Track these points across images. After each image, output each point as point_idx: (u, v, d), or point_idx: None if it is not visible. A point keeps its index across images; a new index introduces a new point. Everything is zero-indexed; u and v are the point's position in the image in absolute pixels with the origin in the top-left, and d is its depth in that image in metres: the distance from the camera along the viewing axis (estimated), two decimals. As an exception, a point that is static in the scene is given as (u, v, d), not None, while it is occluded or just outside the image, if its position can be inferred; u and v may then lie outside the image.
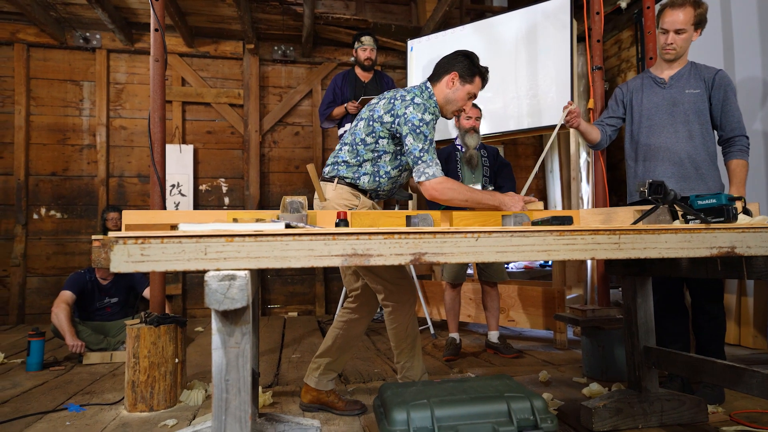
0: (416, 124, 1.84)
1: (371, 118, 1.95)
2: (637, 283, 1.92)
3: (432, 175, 1.83)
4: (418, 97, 1.92)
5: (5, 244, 4.53)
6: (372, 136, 1.94)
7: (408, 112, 1.86)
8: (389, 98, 1.95)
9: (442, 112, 2.04)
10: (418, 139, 1.84)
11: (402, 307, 2.00)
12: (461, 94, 1.99)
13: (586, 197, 4.71)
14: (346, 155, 1.99)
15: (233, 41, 5.05)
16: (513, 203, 1.85)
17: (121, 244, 1.05)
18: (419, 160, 1.83)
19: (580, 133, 2.46)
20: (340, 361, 2.12)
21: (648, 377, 1.90)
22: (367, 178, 1.97)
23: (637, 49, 4.52)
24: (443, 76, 2.00)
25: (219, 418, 1.11)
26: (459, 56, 2.01)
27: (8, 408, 2.21)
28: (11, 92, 4.60)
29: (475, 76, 2.00)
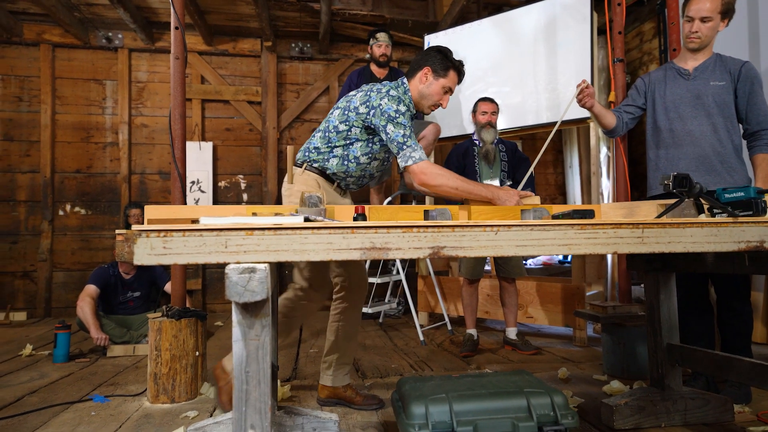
0: (392, 114, 1.84)
1: (347, 108, 1.95)
2: (661, 279, 1.89)
3: (418, 158, 1.81)
4: (393, 90, 1.93)
5: (33, 239, 4.65)
6: (345, 124, 1.94)
7: (383, 104, 1.86)
8: (366, 90, 1.96)
9: (418, 107, 2.03)
10: (398, 127, 1.83)
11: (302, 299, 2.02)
12: (435, 88, 1.99)
13: (607, 192, 4.63)
14: (318, 141, 1.99)
15: (251, 39, 5.09)
16: (507, 197, 1.78)
17: (144, 237, 1.07)
18: (404, 146, 1.82)
19: (594, 115, 2.40)
20: (348, 352, 2.13)
21: (671, 375, 1.86)
22: (336, 161, 1.96)
23: (660, 41, 4.42)
24: (417, 71, 2.00)
25: (239, 409, 1.12)
26: (432, 51, 2.02)
27: (36, 398, 2.28)
28: (38, 92, 4.71)
29: (449, 70, 1.99)
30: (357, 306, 2.13)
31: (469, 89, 3.97)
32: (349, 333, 2.12)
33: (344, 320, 2.11)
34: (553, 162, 5.71)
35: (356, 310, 2.13)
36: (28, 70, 4.72)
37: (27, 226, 4.66)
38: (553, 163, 5.70)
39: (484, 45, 3.91)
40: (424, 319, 4.04)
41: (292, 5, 4.53)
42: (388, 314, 4.38)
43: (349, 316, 2.11)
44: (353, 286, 2.09)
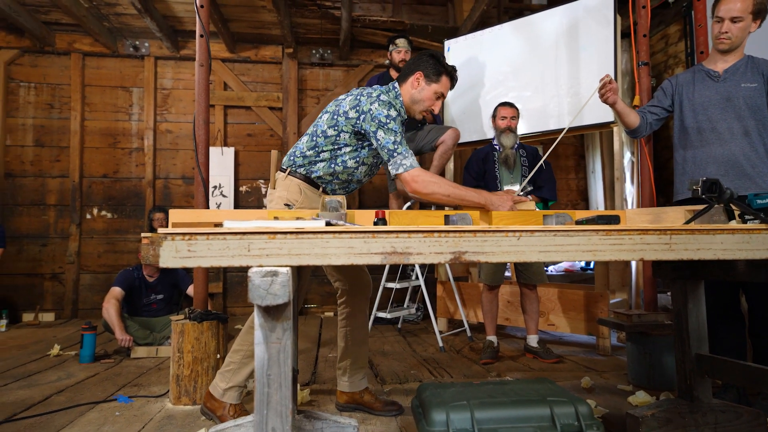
0: (383, 120, 1.81)
1: (336, 112, 1.92)
2: (689, 287, 1.83)
3: (410, 165, 1.78)
4: (384, 95, 1.90)
5: (61, 242, 4.78)
6: (334, 129, 1.90)
7: (373, 109, 1.83)
8: (356, 95, 1.93)
9: (409, 112, 2.00)
10: (389, 133, 1.80)
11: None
12: (427, 93, 1.95)
13: (631, 198, 4.54)
14: (305, 146, 1.95)
15: (273, 46, 5.16)
16: (501, 203, 1.74)
17: (169, 240, 1.08)
18: (395, 152, 1.79)
19: (616, 113, 2.33)
20: (360, 357, 2.12)
21: (700, 386, 1.80)
22: (323, 164, 1.93)
23: (686, 44, 4.33)
24: (409, 76, 1.97)
25: (260, 413, 1.13)
26: (424, 56, 1.98)
27: (63, 397, 2.33)
28: (68, 99, 4.86)
29: (442, 75, 1.95)
30: (361, 310, 2.11)
31: (489, 94, 3.95)
32: (358, 337, 2.11)
33: (350, 325, 2.10)
34: (575, 167, 5.63)
35: (361, 314, 2.12)
36: (60, 78, 4.87)
37: (56, 229, 4.79)
38: (574, 168, 5.62)
39: (505, 49, 3.89)
40: (443, 325, 4.01)
41: (313, 12, 4.58)
42: (406, 320, 4.37)
43: (354, 320, 2.10)
44: (354, 290, 2.09)
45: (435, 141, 3.51)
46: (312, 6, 4.49)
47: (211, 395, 1.97)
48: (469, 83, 4.11)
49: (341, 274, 2.08)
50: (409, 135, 3.64)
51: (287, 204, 1.90)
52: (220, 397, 1.95)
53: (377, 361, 3.04)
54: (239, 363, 1.96)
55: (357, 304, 2.10)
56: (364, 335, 2.14)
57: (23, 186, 4.77)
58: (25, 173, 4.78)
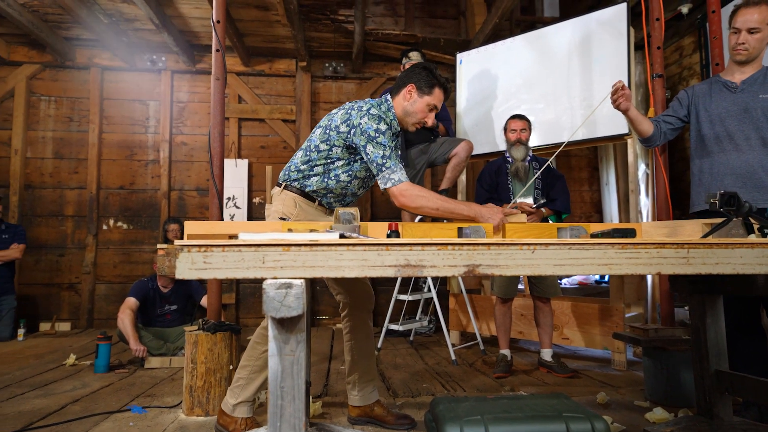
0: (372, 134, 1.82)
1: (328, 127, 1.93)
2: (707, 302, 1.80)
3: (398, 180, 1.78)
4: (374, 108, 1.90)
5: (78, 253, 4.86)
6: (326, 144, 1.91)
7: (363, 122, 1.84)
8: (347, 109, 1.94)
9: (402, 124, 1.99)
10: (378, 147, 1.81)
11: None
12: (420, 105, 1.94)
13: (646, 211, 4.49)
14: (299, 161, 1.96)
15: (287, 59, 5.24)
16: (491, 215, 1.72)
17: (185, 252, 1.10)
18: (383, 167, 1.80)
19: (629, 120, 2.29)
20: (369, 369, 2.10)
21: (720, 404, 1.76)
22: (317, 178, 1.94)
23: (701, 56, 4.30)
24: (401, 88, 1.96)
25: (274, 425, 1.13)
26: (416, 68, 1.97)
27: (78, 406, 2.35)
28: (87, 112, 4.97)
29: (434, 87, 1.94)
30: (364, 322, 2.10)
31: (501, 106, 3.96)
32: (364, 350, 2.09)
33: (354, 338, 2.09)
34: (589, 179, 5.59)
35: (365, 327, 2.10)
36: (79, 92, 4.99)
37: (73, 240, 4.87)
38: (588, 181, 5.59)
39: (517, 62, 3.90)
40: (455, 338, 3.98)
41: (326, 26, 4.64)
42: (418, 332, 4.34)
43: (358, 333, 2.09)
44: (356, 302, 2.07)
45: (448, 153, 3.52)
46: (325, 20, 4.56)
47: (223, 412, 1.98)
48: (481, 96, 4.12)
49: (342, 287, 2.07)
50: (422, 147, 3.65)
51: (282, 218, 1.92)
52: (230, 412, 1.96)
53: (389, 373, 3.02)
54: (247, 378, 1.97)
55: (359, 317, 2.09)
56: (370, 347, 2.12)
57: (42, 197, 4.87)
58: (44, 185, 4.88)
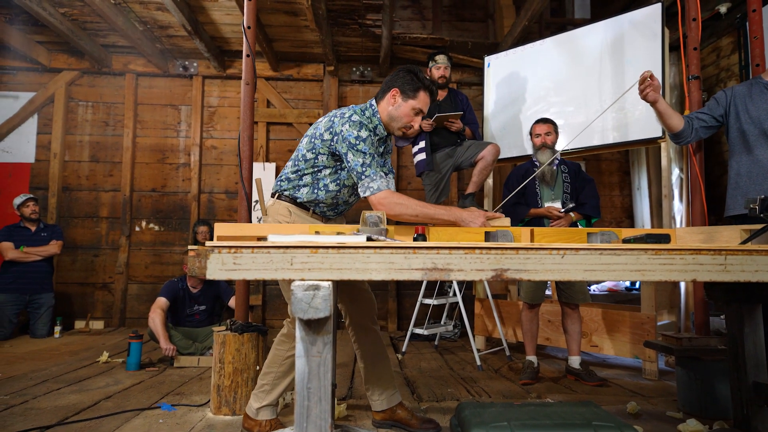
0: (352, 141, 1.81)
1: (313, 135, 1.93)
2: (745, 311, 1.74)
3: (377, 188, 1.77)
4: (356, 114, 1.89)
5: (112, 253, 5.01)
6: (312, 152, 1.91)
7: (344, 130, 1.83)
8: (331, 116, 1.92)
9: (388, 129, 1.97)
10: (357, 155, 1.80)
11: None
12: (405, 110, 1.92)
13: (680, 216, 4.36)
14: (289, 170, 1.97)
15: (314, 64, 5.30)
16: (472, 219, 1.70)
17: (216, 253, 1.12)
18: (362, 175, 1.79)
19: (658, 113, 2.21)
20: (384, 374, 2.08)
21: (759, 416, 1.69)
22: (306, 189, 1.94)
23: (740, 57, 4.16)
24: (386, 93, 1.94)
25: (300, 425, 1.14)
26: (400, 72, 1.94)
27: (111, 403, 2.42)
28: (121, 117, 5.13)
29: (419, 90, 1.92)
30: (367, 327, 2.07)
31: (530, 110, 3.91)
32: (375, 355, 2.07)
33: (362, 345, 2.07)
34: (620, 183, 5.46)
35: (369, 332, 2.07)
36: (114, 97, 5.16)
37: (107, 241, 5.03)
38: (619, 185, 5.46)
39: (547, 65, 3.85)
40: (480, 344, 3.94)
41: (354, 31, 4.68)
42: (443, 337, 4.31)
43: (365, 340, 2.07)
44: (357, 310, 2.05)
45: (474, 157, 3.50)
46: (353, 25, 4.59)
47: (247, 416, 2.01)
48: (509, 99, 4.08)
49: (342, 295, 2.05)
50: (448, 150, 3.64)
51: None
52: (254, 416, 1.99)
53: (414, 377, 3.01)
54: (272, 384, 2.00)
55: (363, 324, 2.06)
56: (381, 351, 2.10)
57: (79, 199, 5.04)
58: (80, 187, 5.06)
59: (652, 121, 3.22)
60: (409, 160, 5.14)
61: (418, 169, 3.75)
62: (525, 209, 3.09)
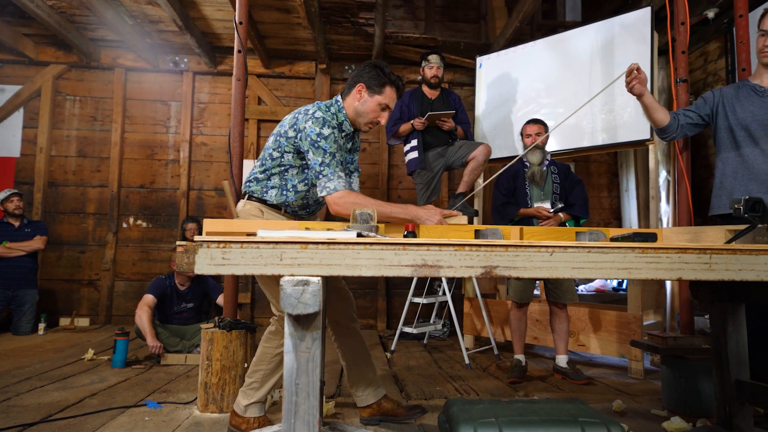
0: (314, 138, 1.80)
1: (278, 133, 1.91)
2: (728, 310, 1.76)
3: (333, 188, 1.77)
4: (320, 111, 1.88)
5: (98, 250, 4.95)
6: (278, 151, 1.90)
7: (307, 127, 1.82)
8: (295, 113, 1.91)
9: (354, 125, 1.97)
10: (317, 153, 1.80)
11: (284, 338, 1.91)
12: (371, 105, 1.91)
13: (666, 218, 4.42)
14: (257, 170, 1.96)
15: (306, 62, 5.28)
16: (428, 216, 1.70)
17: (204, 247, 1.11)
18: (320, 174, 1.79)
19: (644, 107, 2.22)
20: (366, 372, 2.08)
21: (741, 414, 1.72)
22: (275, 191, 1.93)
23: (727, 61, 4.22)
24: (352, 88, 1.93)
25: (288, 421, 1.13)
26: (367, 67, 1.93)
27: (96, 400, 2.39)
28: (110, 112, 5.07)
29: (385, 86, 1.91)
30: (347, 326, 2.06)
31: (521, 110, 3.94)
32: (355, 353, 2.07)
33: (342, 344, 2.07)
34: (608, 185, 5.51)
35: (350, 330, 2.06)
36: (103, 92, 5.10)
37: (94, 237, 4.97)
38: (607, 187, 5.51)
39: (538, 66, 3.88)
40: (469, 342, 3.96)
41: (346, 29, 4.67)
42: (432, 335, 4.32)
43: (345, 338, 2.06)
44: (333, 308, 2.04)
45: (466, 156, 3.51)
46: (346, 23, 4.59)
47: (235, 413, 2.00)
48: (500, 99, 4.10)
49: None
50: (440, 150, 3.65)
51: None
52: (242, 413, 1.98)
53: (402, 375, 3.01)
54: (261, 381, 1.99)
55: (342, 322, 2.05)
56: (362, 348, 2.09)
57: (65, 194, 4.98)
58: (67, 182, 4.99)
59: (640, 123, 3.26)
60: (401, 159, 5.14)
61: (409, 168, 3.75)
62: (515, 209, 3.11)
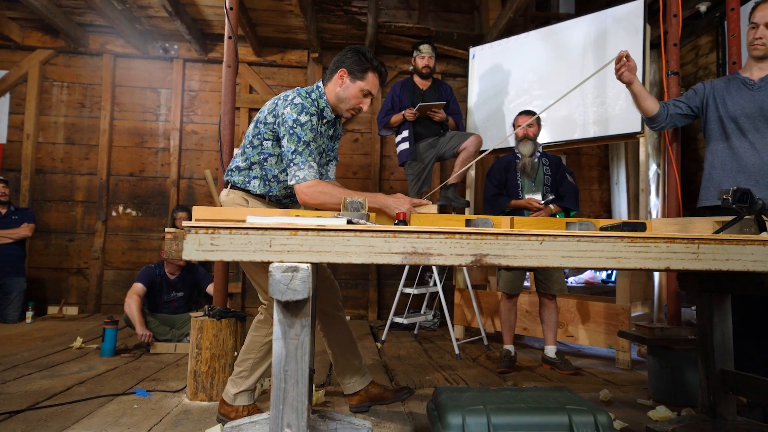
0: (290, 124, 1.78)
1: (258, 120, 1.88)
2: (715, 301, 1.79)
3: (302, 178, 1.75)
4: (299, 97, 1.83)
5: (87, 238, 4.90)
6: (258, 138, 1.87)
7: (285, 113, 1.79)
8: (275, 99, 1.88)
9: (336, 111, 1.94)
10: (291, 141, 1.77)
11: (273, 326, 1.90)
12: (353, 91, 1.87)
13: (656, 211, 4.46)
14: (239, 159, 1.93)
15: (299, 50, 5.23)
16: (398, 205, 1.70)
17: (193, 233, 1.10)
18: (291, 163, 1.77)
19: (633, 95, 2.22)
20: (351, 360, 2.08)
21: (724, 403, 1.75)
22: (258, 182, 1.91)
23: (718, 55, 4.24)
24: (333, 74, 1.89)
25: (276, 407, 1.13)
26: (349, 52, 1.89)
27: (84, 388, 2.38)
28: (98, 99, 5.00)
29: (367, 71, 1.87)
30: (332, 314, 2.05)
31: (513, 102, 3.94)
32: (341, 342, 2.06)
33: (329, 333, 2.05)
34: (599, 178, 5.55)
35: (336, 319, 2.05)
36: (91, 78, 5.02)
37: (83, 226, 4.92)
38: (598, 180, 5.54)
39: (531, 58, 3.87)
40: (459, 333, 3.98)
41: (339, 18, 4.63)
42: (423, 326, 4.34)
43: (331, 327, 2.05)
44: (319, 297, 2.01)
45: (457, 147, 3.51)
46: (338, 11, 4.55)
47: (224, 401, 1.98)
48: (493, 91, 4.10)
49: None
50: (431, 141, 3.64)
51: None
52: (231, 402, 1.97)
53: (392, 365, 3.03)
54: (250, 369, 1.98)
55: (327, 311, 2.04)
56: (348, 336, 2.09)
57: (53, 182, 4.91)
58: (55, 170, 4.93)
59: (631, 115, 3.27)
60: (392, 150, 5.13)
61: (400, 159, 3.74)
62: (506, 200, 3.12)
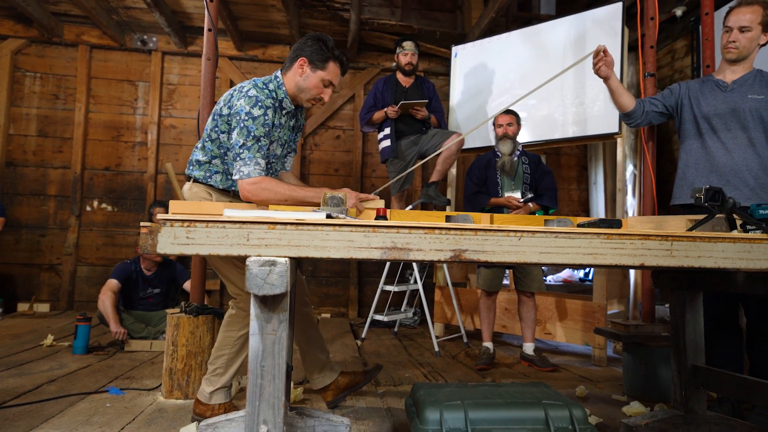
0: (242, 117, 1.72)
1: (215, 112, 1.83)
2: (687, 298, 1.83)
3: (246, 174, 1.71)
4: (254, 89, 1.77)
5: (60, 233, 4.77)
6: (215, 131, 1.82)
7: (239, 104, 1.74)
8: (232, 90, 1.83)
9: (296, 101, 1.89)
10: (241, 134, 1.72)
11: (245, 319, 1.87)
12: (313, 81, 1.82)
13: (632, 211, 4.54)
14: (199, 153, 1.88)
15: (280, 45, 5.18)
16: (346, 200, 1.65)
17: (168, 226, 1.08)
18: (238, 157, 1.72)
19: (609, 90, 2.24)
20: (318, 354, 2.06)
21: (695, 398, 1.79)
22: (219, 177, 1.87)
23: (692, 59, 4.34)
24: (293, 63, 1.83)
25: (253, 404, 1.12)
26: (309, 40, 1.83)
27: (54, 387, 2.31)
28: (73, 90, 4.87)
29: (328, 61, 1.82)
30: (299, 311, 2.00)
31: (495, 101, 3.96)
32: (308, 337, 2.04)
33: (296, 329, 2.01)
34: (577, 178, 5.63)
35: (301, 315, 2.01)
36: (66, 70, 4.89)
37: (55, 221, 4.79)
38: (576, 179, 5.63)
39: (512, 57, 3.90)
40: (439, 330, 4.00)
41: (322, 13, 4.60)
42: (403, 324, 4.35)
43: (297, 324, 2.00)
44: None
45: (439, 145, 3.52)
46: (321, 7, 4.51)
47: (199, 401, 1.93)
48: (475, 90, 4.12)
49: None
50: (413, 138, 3.65)
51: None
52: (207, 401, 1.92)
53: (372, 362, 3.02)
54: (225, 366, 1.93)
55: (296, 308, 1.98)
56: (315, 332, 2.07)
57: (24, 175, 4.77)
58: (26, 162, 4.78)
59: (609, 116, 3.33)
60: (374, 147, 5.12)
61: (382, 156, 3.74)
62: (485, 198, 3.14)
